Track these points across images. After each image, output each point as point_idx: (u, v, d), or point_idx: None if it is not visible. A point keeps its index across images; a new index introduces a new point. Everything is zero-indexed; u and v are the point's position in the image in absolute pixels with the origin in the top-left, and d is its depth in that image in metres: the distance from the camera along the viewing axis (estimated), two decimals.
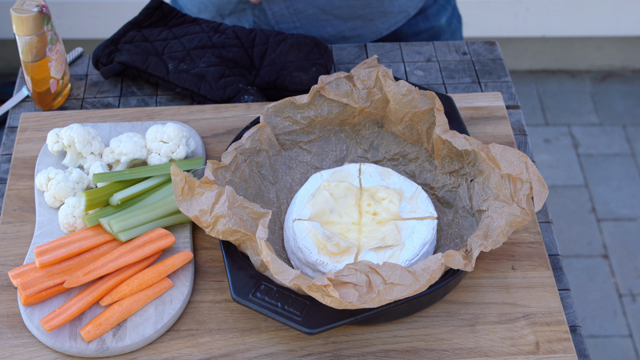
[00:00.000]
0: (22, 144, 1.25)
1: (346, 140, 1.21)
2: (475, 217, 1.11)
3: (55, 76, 1.29)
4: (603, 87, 2.91)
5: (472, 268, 1.00)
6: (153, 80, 1.35)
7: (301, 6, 1.43)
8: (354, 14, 1.45)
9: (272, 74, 1.35)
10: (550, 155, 2.69)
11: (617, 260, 2.43)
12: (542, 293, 1.08)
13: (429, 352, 1.03)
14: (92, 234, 1.09)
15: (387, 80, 1.15)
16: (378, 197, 1.11)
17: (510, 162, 1.07)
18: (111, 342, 1.02)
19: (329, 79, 1.17)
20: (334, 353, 1.03)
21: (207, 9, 1.50)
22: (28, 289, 1.03)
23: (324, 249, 1.05)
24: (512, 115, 1.34)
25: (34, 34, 1.21)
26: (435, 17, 1.55)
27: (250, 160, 1.14)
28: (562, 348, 1.03)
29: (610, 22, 2.76)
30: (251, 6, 1.46)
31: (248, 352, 1.03)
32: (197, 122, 1.28)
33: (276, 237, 1.12)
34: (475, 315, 1.06)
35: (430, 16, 1.55)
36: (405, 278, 0.96)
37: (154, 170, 1.15)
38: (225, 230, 1.02)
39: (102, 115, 1.29)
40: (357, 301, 0.94)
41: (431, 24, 1.55)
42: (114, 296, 1.05)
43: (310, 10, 1.44)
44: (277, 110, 1.17)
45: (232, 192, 1.03)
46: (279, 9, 1.44)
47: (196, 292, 1.09)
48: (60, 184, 1.13)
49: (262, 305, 0.99)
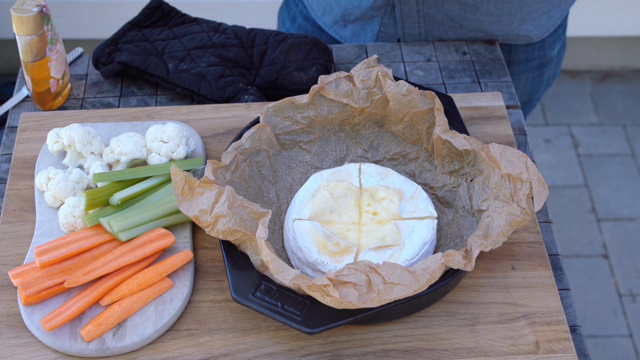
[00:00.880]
0: (22, 143, 1.25)
1: (346, 140, 1.21)
2: (475, 217, 1.11)
3: (55, 76, 1.29)
4: (603, 87, 2.91)
5: (472, 268, 1.00)
6: (153, 80, 1.35)
7: (432, 12, 1.45)
8: (481, 28, 1.46)
9: (272, 74, 1.35)
10: (550, 155, 2.69)
11: (617, 260, 2.43)
12: (542, 293, 1.08)
13: (429, 351, 1.03)
14: (92, 233, 1.09)
15: (387, 80, 1.15)
16: (378, 197, 1.11)
17: (510, 161, 1.07)
18: (111, 341, 1.02)
19: (329, 79, 1.17)
20: (334, 353, 1.03)
21: (333, 11, 1.51)
22: (28, 288, 1.03)
23: (324, 248, 1.05)
24: (512, 115, 1.34)
25: (34, 34, 1.21)
26: (550, 47, 1.56)
27: (250, 160, 1.14)
28: (562, 348, 1.03)
29: (610, 22, 2.76)
30: (381, 13, 1.46)
31: (248, 351, 1.03)
32: (197, 122, 1.28)
33: (276, 236, 1.13)
34: (475, 315, 1.06)
35: (546, 45, 1.55)
36: (405, 278, 0.96)
37: (154, 170, 1.15)
38: (225, 230, 1.02)
39: (102, 115, 1.29)
40: (357, 301, 0.94)
41: (545, 52, 1.56)
42: (114, 296, 1.05)
43: (440, 16, 1.45)
44: (277, 110, 1.17)
45: (232, 191, 1.03)
46: (409, 11, 1.45)
47: (196, 292, 1.09)
48: (60, 184, 1.13)
49: (262, 305, 0.99)
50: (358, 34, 1.50)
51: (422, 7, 1.44)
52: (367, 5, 1.45)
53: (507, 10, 1.44)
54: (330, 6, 1.50)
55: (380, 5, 1.45)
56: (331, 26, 1.52)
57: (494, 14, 1.44)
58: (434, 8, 1.44)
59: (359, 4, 1.46)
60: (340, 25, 1.50)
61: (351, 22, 1.49)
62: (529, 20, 1.47)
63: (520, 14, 1.45)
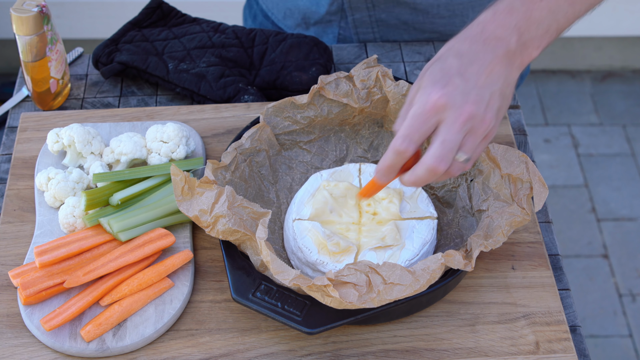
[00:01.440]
0: (22, 144, 1.25)
1: (346, 140, 1.21)
2: (475, 217, 1.11)
3: (55, 76, 1.29)
4: (603, 87, 2.91)
5: (472, 268, 1.00)
6: (153, 80, 1.35)
7: (384, 17, 1.44)
8: (435, 30, 1.46)
9: (272, 74, 1.35)
10: (550, 155, 2.69)
11: (617, 260, 2.43)
12: (542, 293, 1.08)
13: (429, 352, 1.03)
14: (92, 233, 1.09)
15: (387, 80, 1.15)
16: (378, 197, 1.11)
17: (510, 162, 1.07)
18: (111, 342, 1.02)
19: (329, 79, 1.17)
20: (334, 353, 1.03)
21: (294, 15, 1.51)
22: (28, 288, 1.03)
23: (324, 248, 1.05)
24: (512, 115, 1.34)
25: (34, 34, 1.21)
26: None
27: (250, 160, 1.14)
28: (562, 348, 1.03)
29: (610, 22, 2.76)
30: (338, 18, 1.46)
31: (248, 352, 1.03)
32: (197, 122, 1.28)
33: (276, 236, 1.13)
34: (475, 315, 1.06)
35: None
36: (405, 278, 0.96)
37: (154, 170, 1.15)
38: (225, 230, 1.02)
39: (102, 115, 1.29)
40: (357, 301, 0.94)
41: None
42: (114, 296, 1.05)
43: (392, 21, 1.45)
44: (277, 110, 1.17)
45: (232, 192, 1.03)
46: (360, 16, 1.45)
47: (196, 292, 1.09)
48: (60, 184, 1.13)
49: (262, 305, 0.99)
50: (321, 36, 1.51)
51: (374, 13, 1.44)
52: (324, 11, 1.46)
53: (458, 11, 1.43)
54: (291, 11, 1.50)
55: (335, 11, 1.46)
56: (294, 28, 1.52)
57: (446, 16, 1.44)
58: (385, 13, 1.44)
59: (316, 9, 1.47)
60: (302, 27, 1.51)
61: (312, 25, 1.49)
62: None
63: (473, 14, 1.44)
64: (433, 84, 0.93)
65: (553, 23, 0.99)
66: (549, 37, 0.99)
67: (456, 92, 0.92)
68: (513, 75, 0.96)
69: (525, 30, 0.97)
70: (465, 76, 0.93)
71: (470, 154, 0.94)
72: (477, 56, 0.94)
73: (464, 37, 0.97)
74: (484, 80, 0.93)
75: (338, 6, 1.45)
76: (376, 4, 1.42)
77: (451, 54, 0.95)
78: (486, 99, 0.93)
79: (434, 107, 0.91)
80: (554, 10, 0.99)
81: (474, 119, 0.92)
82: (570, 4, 1.00)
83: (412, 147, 0.93)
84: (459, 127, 0.91)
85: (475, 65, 0.94)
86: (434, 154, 0.92)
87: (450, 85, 0.92)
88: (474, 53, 0.95)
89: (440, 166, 0.92)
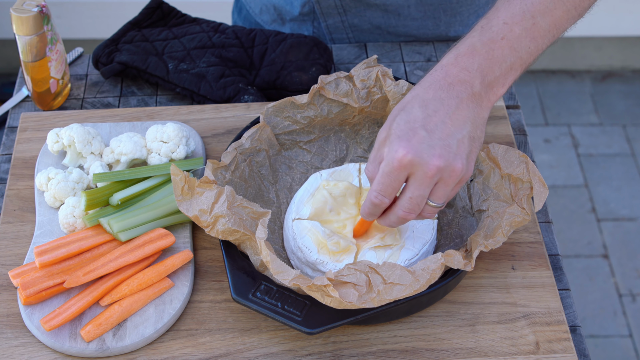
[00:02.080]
0: (22, 144, 1.25)
1: (346, 140, 1.21)
2: (475, 217, 1.11)
3: (55, 76, 1.29)
4: (603, 87, 2.91)
5: (472, 268, 1.00)
6: (153, 80, 1.35)
7: (357, 21, 1.44)
8: (409, 34, 1.45)
9: (272, 74, 1.35)
10: (550, 155, 2.70)
11: (617, 260, 2.43)
12: (542, 293, 1.08)
13: (429, 352, 1.03)
14: (92, 234, 1.09)
15: (387, 80, 1.15)
16: None
17: (510, 162, 1.07)
18: (111, 342, 1.02)
19: (329, 79, 1.17)
20: (334, 353, 1.03)
21: (269, 11, 1.51)
22: (28, 288, 1.03)
23: (323, 248, 1.05)
24: (512, 115, 1.34)
25: (34, 34, 1.21)
26: None
27: (250, 160, 1.14)
28: (562, 348, 1.03)
29: (610, 22, 2.76)
30: (310, 18, 1.47)
31: (248, 352, 1.03)
32: (197, 122, 1.28)
33: (276, 236, 1.13)
34: (475, 315, 1.06)
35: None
36: (405, 278, 0.96)
37: (154, 170, 1.15)
38: (224, 230, 1.02)
39: (102, 115, 1.29)
40: (357, 301, 0.94)
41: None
42: (114, 296, 1.05)
43: (365, 25, 1.45)
44: (277, 110, 1.17)
45: (232, 191, 1.03)
46: (333, 22, 1.45)
47: (196, 292, 1.09)
48: (60, 184, 1.13)
49: (262, 305, 0.99)
50: (296, 32, 1.50)
51: (346, 18, 1.43)
52: (297, 12, 1.47)
53: (430, 13, 1.42)
54: (266, 7, 1.51)
55: (307, 12, 1.46)
56: (270, 24, 1.53)
57: (418, 18, 1.43)
58: (357, 18, 1.44)
59: (290, 9, 1.47)
60: (278, 23, 1.52)
61: (288, 21, 1.50)
62: (456, 22, 1.46)
63: (445, 17, 1.44)
64: (399, 139, 0.93)
65: (516, 60, 0.99)
66: (513, 73, 0.99)
67: (422, 147, 0.92)
68: (482, 116, 0.96)
69: (489, 71, 0.97)
70: (430, 127, 0.93)
71: (442, 202, 0.96)
72: (442, 103, 0.94)
73: (428, 83, 0.97)
74: (450, 128, 0.93)
75: (310, 8, 1.45)
76: (347, 9, 1.42)
77: (416, 104, 0.95)
78: (454, 149, 0.93)
79: (401, 165, 0.93)
80: (515, 47, 0.98)
81: (443, 171, 0.93)
82: (531, 39, 1.00)
83: (386, 200, 0.96)
84: (428, 182, 0.93)
85: (440, 114, 0.94)
86: (403, 207, 0.95)
87: (415, 139, 0.92)
88: (439, 100, 0.95)
89: (410, 216, 0.96)
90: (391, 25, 1.44)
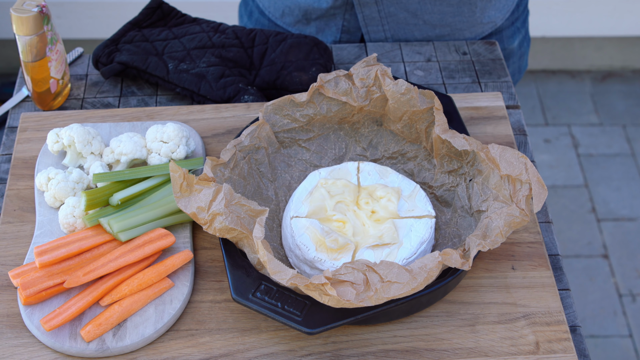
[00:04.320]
0: (22, 144, 1.25)
1: (345, 138, 1.21)
2: (473, 217, 1.11)
3: (55, 76, 1.29)
4: (603, 87, 2.91)
5: (470, 267, 1.00)
6: (153, 80, 1.35)
7: (393, 9, 1.44)
8: (444, 22, 1.46)
9: (272, 74, 1.35)
10: (550, 155, 2.69)
11: (617, 260, 2.43)
12: (542, 293, 1.08)
13: (429, 352, 1.03)
14: (92, 234, 1.09)
15: (386, 79, 1.15)
16: (376, 196, 1.11)
17: (509, 162, 1.07)
18: (111, 342, 1.02)
19: (328, 77, 1.17)
20: (334, 353, 1.03)
21: (293, 12, 1.51)
22: (28, 289, 1.03)
23: (321, 245, 1.05)
24: (512, 115, 1.34)
25: (34, 34, 1.21)
26: (509, 40, 1.56)
27: (249, 157, 1.14)
28: (562, 348, 1.03)
29: (610, 22, 2.76)
30: (342, 11, 1.46)
31: (248, 352, 1.03)
32: (197, 122, 1.28)
33: (274, 234, 1.13)
34: (475, 315, 1.06)
35: (505, 38, 1.55)
36: (402, 276, 0.96)
37: (154, 170, 1.15)
38: (222, 228, 1.02)
39: (102, 115, 1.29)
40: (355, 299, 0.94)
41: (504, 45, 1.56)
42: (114, 296, 1.05)
43: (401, 14, 1.45)
44: (277, 108, 1.17)
45: (230, 189, 1.03)
46: (370, 12, 1.45)
47: (196, 292, 1.09)
48: (60, 184, 1.13)
49: (262, 305, 0.99)
50: (323, 29, 1.50)
51: (382, 7, 1.44)
52: (327, 6, 1.46)
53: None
54: (290, 8, 1.51)
55: (340, 5, 1.46)
56: (293, 25, 1.52)
57: (454, 4, 1.44)
58: (394, 5, 1.44)
59: (318, 5, 1.47)
60: (303, 23, 1.51)
61: (314, 20, 1.50)
62: (491, 7, 1.48)
63: (481, 2, 1.45)
64: None
65: None
66: None
67: None
68: None
69: None
70: None
71: None
72: None
73: None
74: None
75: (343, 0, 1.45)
76: None
77: None
78: None
79: None
80: None
81: None
82: None
83: None
84: None
85: None
86: None
87: None
88: None
89: None
90: (427, 12, 1.44)
